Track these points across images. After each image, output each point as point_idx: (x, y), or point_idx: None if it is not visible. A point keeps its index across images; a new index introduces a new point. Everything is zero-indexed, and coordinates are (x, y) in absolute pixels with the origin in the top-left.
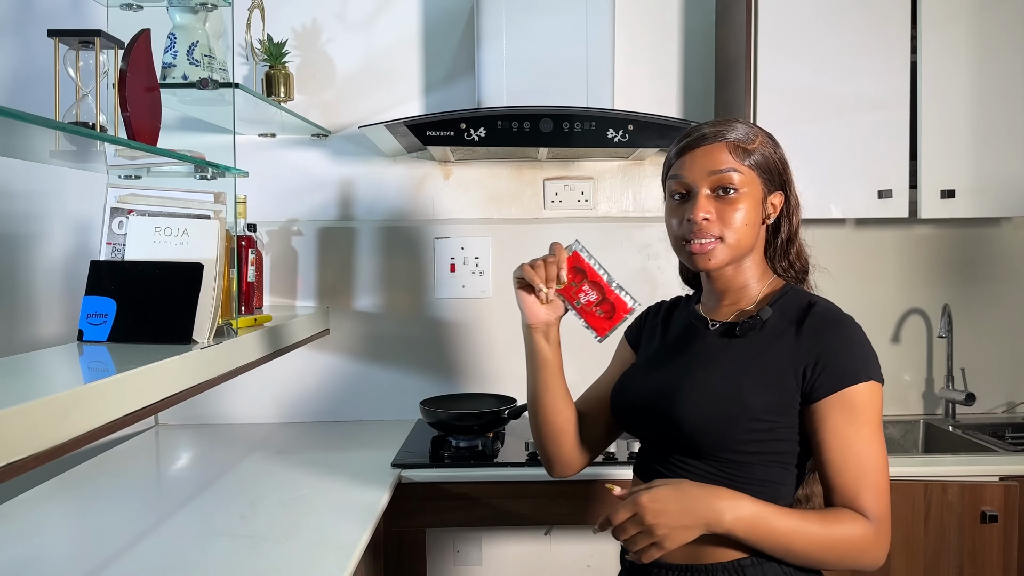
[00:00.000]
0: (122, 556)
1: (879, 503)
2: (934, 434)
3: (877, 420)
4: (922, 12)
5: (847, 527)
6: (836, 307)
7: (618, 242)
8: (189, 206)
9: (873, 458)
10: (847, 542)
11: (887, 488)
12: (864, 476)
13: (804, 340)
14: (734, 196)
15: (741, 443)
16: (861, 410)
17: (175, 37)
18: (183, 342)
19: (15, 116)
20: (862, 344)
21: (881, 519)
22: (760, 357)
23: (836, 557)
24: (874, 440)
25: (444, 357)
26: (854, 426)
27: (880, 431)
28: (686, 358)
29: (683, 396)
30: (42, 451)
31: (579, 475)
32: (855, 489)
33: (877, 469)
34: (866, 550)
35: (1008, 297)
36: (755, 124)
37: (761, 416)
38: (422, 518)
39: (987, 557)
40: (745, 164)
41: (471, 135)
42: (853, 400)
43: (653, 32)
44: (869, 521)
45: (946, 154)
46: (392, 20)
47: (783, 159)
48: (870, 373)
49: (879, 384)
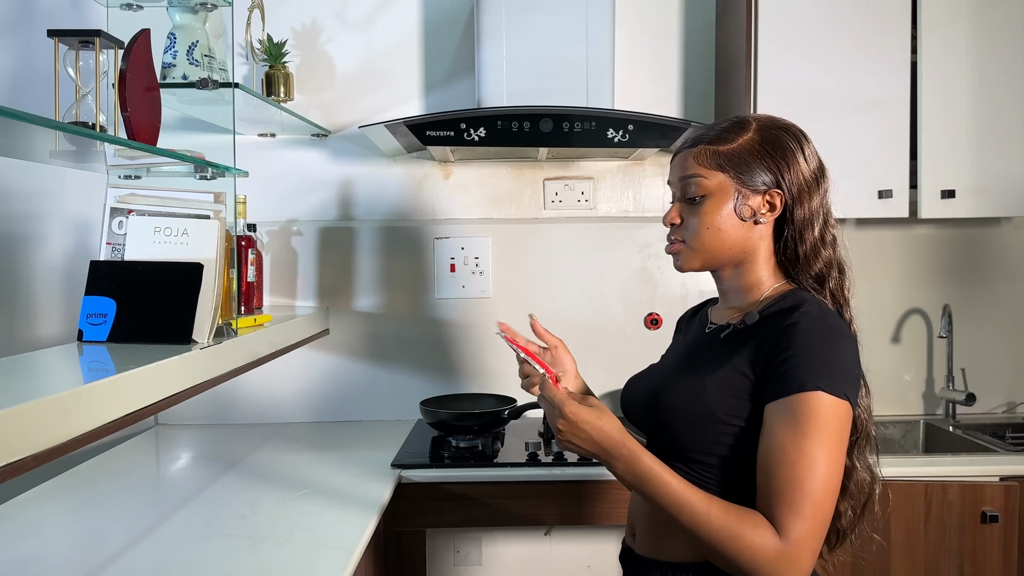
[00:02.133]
0: (122, 556)
1: (798, 522)
2: (934, 434)
3: (827, 436)
4: (922, 12)
5: (746, 529)
6: (820, 312)
7: (618, 242)
8: (189, 206)
9: (805, 474)
10: (738, 543)
11: (816, 513)
12: (788, 490)
13: (770, 339)
14: (699, 202)
15: (708, 444)
16: (805, 421)
17: (175, 37)
18: (183, 342)
19: (15, 116)
20: (829, 354)
21: (795, 541)
22: (729, 359)
23: (725, 554)
24: (814, 456)
25: (444, 357)
26: (792, 436)
27: (828, 449)
28: (680, 359)
29: (663, 395)
30: (42, 451)
31: (579, 475)
32: (774, 499)
33: (806, 488)
34: (761, 563)
35: (1008, 297)
36: (759, 116)
37: (723, 419)
38: (422, 518)
39: (987, 557)
40: (713, 167)
41: (471, 135)
42: (797, 409)
43: (653, 32)
44: (778, 537)
45: (946, 154)
46: (392, 20)
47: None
48: (819, 383)
49: (834, 397)
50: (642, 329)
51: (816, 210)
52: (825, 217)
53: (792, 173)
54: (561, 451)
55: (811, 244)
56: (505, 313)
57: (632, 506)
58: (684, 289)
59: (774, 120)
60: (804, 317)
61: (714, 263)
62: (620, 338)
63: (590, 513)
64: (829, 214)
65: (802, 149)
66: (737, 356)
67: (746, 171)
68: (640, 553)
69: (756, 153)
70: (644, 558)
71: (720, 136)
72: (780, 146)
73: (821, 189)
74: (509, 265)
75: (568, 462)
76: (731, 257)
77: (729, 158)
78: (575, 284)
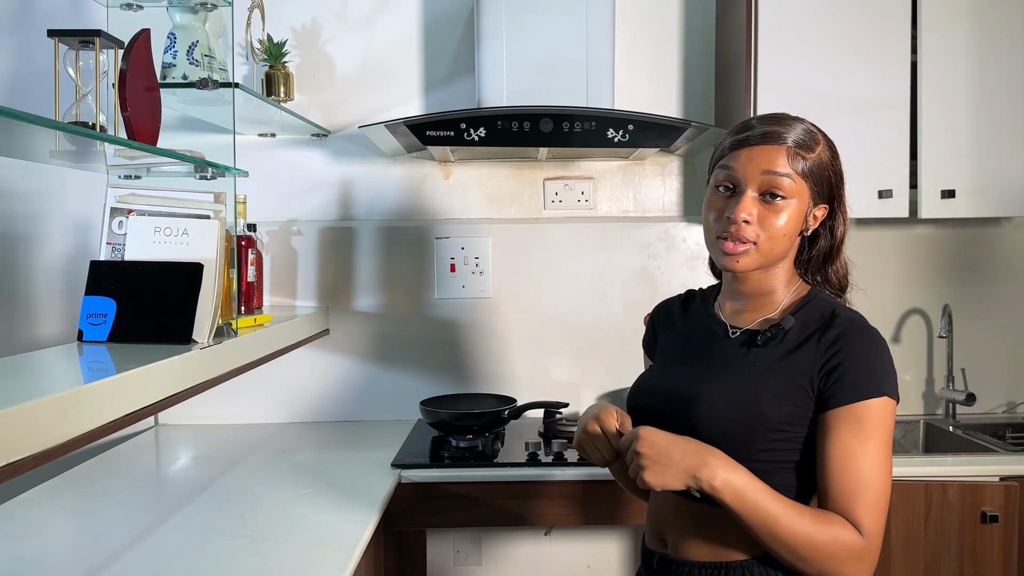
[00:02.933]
0: (122, 556)
1: (874, 520)
2: (934, 434)
3: (886, 437)
4: (922, 12)
5: (836, 531)
6: (861, 318)
7: (618, 242)
8: (189, 206)
9: (875, 475)
10: (831, 546)
11: (884, 509)
12: (862, 491)
13: (824, 349)
14: (780, 203)
15: (758, 452)
16: (871, 425)
17: (175, 37)
18: (183, 342)
19: (15, 116)
20: (882, 358)
21: (872, 537)
22: (779, 367)
23: (817, 558)
24: (879, 456)
25: (444, 357)
26: (859, 440)
27: (887, 449)
28: (704, 364)
29: (700, 404)
30: (42, 451)
31: (579, 475)
32: (851, 501)
33: (877, 487)
34: (848, 561)
35: (1008, 297)
36: (819, 129)
37: (779, 427)
38: (422, 518)
39: (987, 557)
40: (799, 172)
41: (471, 135)
42: (863, 414)
43: (653, 32)
44: (860, 535)
45: (946, 154)
46: (392, 20)
47: (838, 171)
48: (884, 389)
49: (893, 401)
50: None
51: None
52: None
53: (843, 191)
54: (561, 451)
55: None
56: (505, 313)
57: (659, 512)
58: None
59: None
60: (852, 324)
61: (767, 266)
62: (620, 338)
63: (590, 513)
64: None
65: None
66: (788, 362)
67: (817, 182)
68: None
69: (827, 168)
70: (685, 561)
71: (803, 142)
72: (838, 168)
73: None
74: (509, 265)
75: (568, 462)
76: (777, 262)
77: (812, 166)
78: (575, 284)
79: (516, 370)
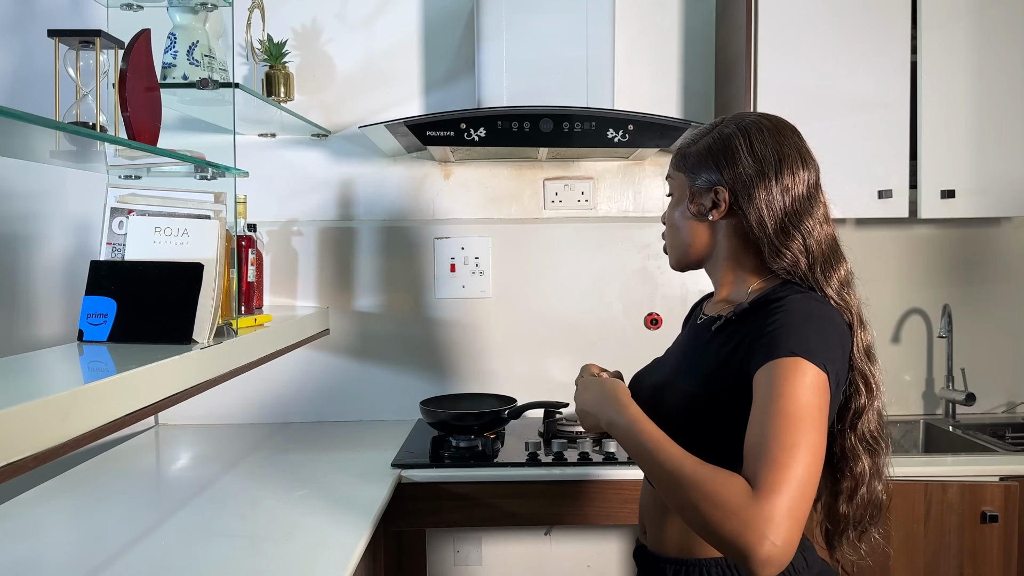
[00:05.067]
0: (122, 556)
1: (769, 475)
2: (934, 434)
3: (799, 396)
4: (922, 12)
5: (722, 478)
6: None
7: (618, 242)
8: (189, 206)
9: (778, 431)
10: (711, 488)
11: (789, 469)
12: (757, 446)
13: (754, 326)
14: (669, 200)
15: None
16: (778, 383)
17: (175, 37)
18: (183, 342)
19: (15, 116)
20: (803, 327)
21: (767, 491)
22: (721, 350)
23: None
24: (788, 415)
25: (444, 357)
26: (767, 396)
27: (802, 409)
28: (678, 354)
29: (665, 391)
30: (42, 451)
31: (579, 475)
32: (750, 457)
33: (776, 441)
34: (732, 511)
35: (1008, 297)
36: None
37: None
38: (422, 518)
39: (987, 557)
40: (678, 169)
41: (471, 135)
42: (773, 374)
43: (653, 32)
44: (751, 488)
45: (946, 154)
46: (392, 20)
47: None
48: (795, 350)
49: (811, 364)
50: (642, 329)
51: (769, 202)
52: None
53: (732, 168)
54: (561, 451)
55: (769, 236)
56: (505, 313)
57: (643, 502)
58: (684, 289)
59: (744, 117)
60: (789, 302)
61: (685, 261)
62: (620, 338)
63: (590, 513)
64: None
65: (750, 143)
66: (727, 347)
67: (695, 170)
68: (653, 551)
69: (704, 153)
70: (656, 554)
71: (692, 139)
72: (725, 145)
73: (775, 180)
74: (509, 265)
75: (568, 462)
76: (697, 255)
77: (686, 159)
78: (575, 284)
79: (516, 370)
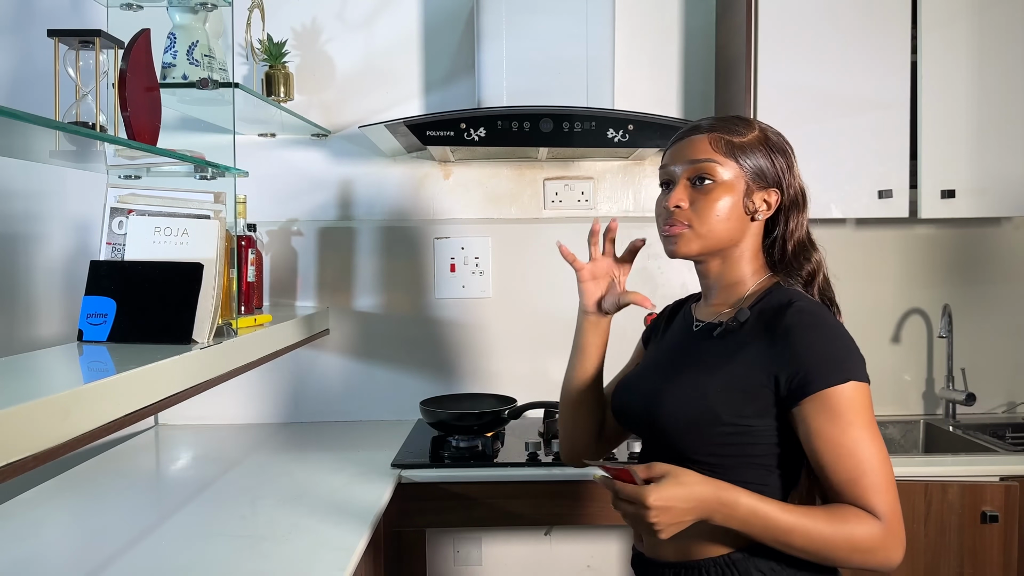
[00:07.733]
0: (122, 556)
1: (884, 500)
2: (934, 434)
3: (864, 419)
4: (922, 12)
5: (852, 525)
6: (814, 307)
7: (618, 242)
8: (189, 206)
9: (867, 455)
10: (853, 540)
11: (891, 485)
12: (863, 474)
13: (777, 343)
14: (710, 186)
15: (713, 446)
16: (844, 411)
17: (175, 37)
18: (183, 342)
19: (15, 116)
20: (836, 344)
21: (890, 516)
22: (731, 360)
23: (843, 555)
24: (864, 439)
25: (444, 357)
26: (840, 427)
27: (871, 429)
28: (671, 361)
29: (663, 401)
30: (42, 451)
31: (579, 475)
32: (857, 489)
33: (875, 467)
34: (876, 548)
35: (1008, 297)
36: (757, 120)
37: (730, 420)
38: (422, 518)
39: (987, 557)
40: (728, 157)
41: (471, 135)
42: (832, 402)
43: (653, 32)
44: (878, 519)
45: (946, 154)
46: (392, 20)
47: (782, 156)
48: (847, 374)
49: (861, 383)
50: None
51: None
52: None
53: (791, 175)
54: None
55: (800, 244)
56: (505, 313)
57: None
58: (684, 289)
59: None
60: (800, 315)
61: (711, 250)
62: (620, 338)
63: (590, 513)
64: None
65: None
66: (740, 355)
67: (755, 166)
68: (650, 557)
69: (764, 151)
70: (656, 561)
71: (731, 128)
72: (783, 148)
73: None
74: (509, 265)
75: None
76: (726, 248)
77: (742, 150)
78: (575, 284)
79: (516, 370)
